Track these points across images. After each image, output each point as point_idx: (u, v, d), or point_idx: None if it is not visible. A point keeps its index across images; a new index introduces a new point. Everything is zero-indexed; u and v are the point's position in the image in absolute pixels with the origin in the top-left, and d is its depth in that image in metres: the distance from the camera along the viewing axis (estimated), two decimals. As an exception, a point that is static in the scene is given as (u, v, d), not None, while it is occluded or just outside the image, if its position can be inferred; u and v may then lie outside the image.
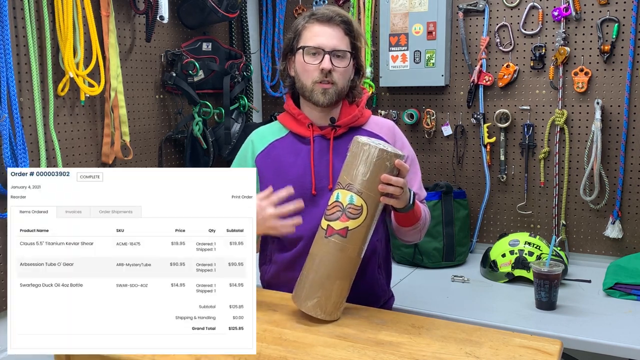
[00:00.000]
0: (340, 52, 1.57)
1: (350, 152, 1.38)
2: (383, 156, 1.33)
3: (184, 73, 2.43)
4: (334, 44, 1.56)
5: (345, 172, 1.37)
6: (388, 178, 1.33)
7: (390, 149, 1.35)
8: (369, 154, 1.33)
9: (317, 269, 1.36)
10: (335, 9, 1.61)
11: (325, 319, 1.36)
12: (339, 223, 1.35)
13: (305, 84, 1.59)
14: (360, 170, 1.34)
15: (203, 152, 2.51)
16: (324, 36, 1.56)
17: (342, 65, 1.58)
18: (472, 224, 2.58)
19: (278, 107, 2.97)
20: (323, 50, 1.56)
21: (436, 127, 2.61)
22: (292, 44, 1.62)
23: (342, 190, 1.36)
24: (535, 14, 2.38)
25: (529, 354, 1.20)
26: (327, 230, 1.36)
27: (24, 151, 1.81)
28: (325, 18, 1.58)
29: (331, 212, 1.36)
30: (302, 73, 1.59)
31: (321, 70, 1.55)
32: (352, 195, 1.34)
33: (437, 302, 2.01)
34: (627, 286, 1.98)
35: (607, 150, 2.30)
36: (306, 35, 1.59)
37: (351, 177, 1.35)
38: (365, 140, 1.36)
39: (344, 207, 1.34)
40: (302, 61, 1.58)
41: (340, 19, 1.58)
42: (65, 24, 1.94)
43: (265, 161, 1.64)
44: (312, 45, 1.56)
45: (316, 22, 1.58)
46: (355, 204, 1.34)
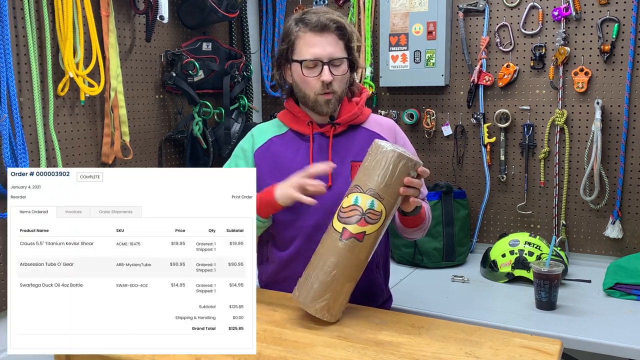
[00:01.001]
0: (337, 61, 1.56)
1: (370, 156, 1.37)
2: (408, 164, 1.33)
3: (184, 73, 2.42)
4: (330, 52, 1.54)
5: (365, 176, 1.36)
6: (411, 181, 1.34)
7: (411, 156, 1.35)
8: (393, 160, 1.33)
9: (328, 270, 1.34)
10: (327, 14, 1.56)
11: (330, 320, 1.36)
12: (356, 227, 1.33)
13: (307, 94, 1.58)
14: (383, 176, 1.33)
15: (203, 152, 2.51)
16: (319, 46, 1.54)
17: (341, 73, 1.57)
18: (472, 224, 2.58)
19: (278, 107, 2.97)
20: (321, 61, 1.54)
21: (436, 127, 2.61)
22: (287, 54, 1.60)
23: (361, 194, 1.34)
24: (535, 14, 2.38)
25: (529, 354, 1.20)
26: (342, 233, 1.34)
27: (24, 151, 1.81)
28: (319, 27, 1.54)
29: (348, 215, 1.35)
30: (303, 85, 1.58)
31: (322, 82, 1.54)
32: (373, 200, 1.33)
33: (437, 302, 2.01)
34: (627, 286, 1.98)
35: (607, 150, 2.30)
36: (300, 47, 1.56)
37: (373, 182, 1.34)
38: (388, 145, 1.35)
39: (364, 212, 1.33)
40: (300, 74, 1.56)
41: (334, 25, 1.55)
42: (65, 24, 1.94)
43: (264, 156, 1.64)
44: (309, 58, 1.54)
45: (309, 32, 1.55)
46: (376, 210, 1.33)
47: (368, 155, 1.38)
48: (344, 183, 1.55)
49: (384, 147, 1.35)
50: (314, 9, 1.60)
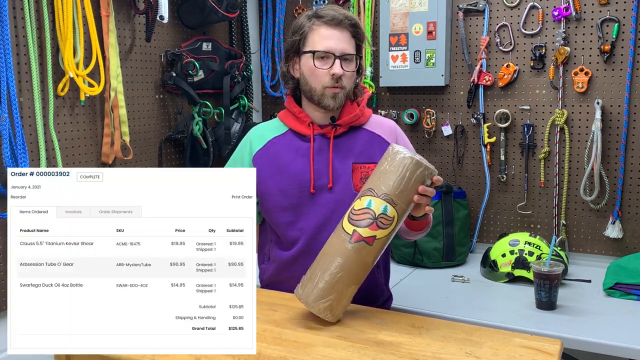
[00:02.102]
0: (349, 56, 1.56)
1: (387, 160, 1.36)
2: (425, 173, 1.34)
3: (184, 73, 2.42)
4: (343, 47, 1.55)
5: (380, 180, 1.35)
6: (425, 190, 1.34)
7: (428, 164, 1.35)
8: (410, 167, 1.33)
9: (334, 271, 1.34)
10: (341, 10, 1.58)
11: (332, 321, 1.36)
12: (367, 230, 1.33)
13: (314, 87, 1.57)
14: (398, 181, 1.33)
15: (203, 152, 2.51)
16: (333, 40, 1.54)
17: (351, 69, 1.57)
18: (472, 224, 2.58)
19: (278, 107, 2.97)
20: (333, 54, 1.54)
21: (436, 127, 2.61)
22: (298, 46, 1.59)
23: (375, 198, 1.34)
24: (535, 14, 2.38)
25: (529, 354, 1.20)
26: (352, 235, 1.34)
27: (23, 151, 1.81)
28: (334, 21, 1.55)
29: (360, 218, 1.34)
30: (311, 77, 1.57)
31: (332, 75, 1.54)
32: (386, 205, 1.33)
33: (437, 302, 2.01)
34: (627, 286, 1.98)
35: (607, 150, 2.30)
36: (314, 38, 1.56)
37: (388, 187, 1.33)
38: (405, 151, 1.35)
39: (376, 216, 1.33)
40: (311, 65, 1.56)
41: (349, 22, 1.56)
42: (65, 24, 1.94)
43: (264, 159, 1.63)
44: (321, 49, 1.54)
45: (324, 25, 1.55)
46: (388, 215, 1.33)
47: (384, 159, 1.37)
48: (345, 184, 1.55)
49: (402, 153, 1.34)
50: (328, 6, 1.61)
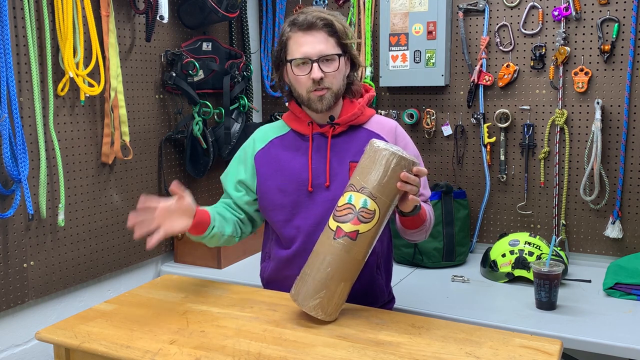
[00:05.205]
0: (328, 57, 1.56)
1: (365, 155, 1.37)
2: (401, 163, 1.33)
3: (184, 73, 2.42)
4: (319, 49, 1.55)
5: (359, 175, 1.36)
6: (407, 176, 1.33)
7: (406, 155, 1.34)
8: (386, 159, 1.33)
9: (322, 269, 1.35)
10: (316, 12, 1.57)
11: (325, 319, 1.36)
12: (349, 225, 1.34)
13: (300, 93, 1.60)
14: (376, 175, 1.33)
15: (203, 152, 2.51)
16: (307, 45, 1.55)
17: (332, 69, 1.57)
18: (472, 224, 2.58)
19: (278, 107, 2.97)
20: (310, 59, 1.55)
21: (436, 127, 2.61)
22: (280, 56, 1.61)
23: (355, 192, 1.35)
24: (535, 14, 2.38)
25: (529, 354, 1.20)
26: (336, 232, 1.35)
27: (23, 151, 1.81)
28: (306, 25, 1.55)
29: (342, 214, 1.36)
30: (296, 84, 1.60)
31: (312, 80, 1.55)
32: (366, 199, 1.34)
33: (437, 302, 2.01)
34: (627, 286, 1.98)
35: (607, 150, 2.30)
36: (292, 47, 1.57)
37: (366, 180, 1.34)
38: (382, 145, 1.35)
39: (357, 210, 1.34)
40: (292, 74, 1.58)
41: (322, 22, 1.56)
42: (65, 24, 1.94)
43: (264, 158, 1.66)
44: (299, 57, 1.55)
45: (299, 31, 1.56)
46: (369, 208, 1.34)
47: (364, 154, 1.38)
48: (342, 183, 1.56)
49: (378, 146, 1.35)
50: (305, 9, 1.61)
